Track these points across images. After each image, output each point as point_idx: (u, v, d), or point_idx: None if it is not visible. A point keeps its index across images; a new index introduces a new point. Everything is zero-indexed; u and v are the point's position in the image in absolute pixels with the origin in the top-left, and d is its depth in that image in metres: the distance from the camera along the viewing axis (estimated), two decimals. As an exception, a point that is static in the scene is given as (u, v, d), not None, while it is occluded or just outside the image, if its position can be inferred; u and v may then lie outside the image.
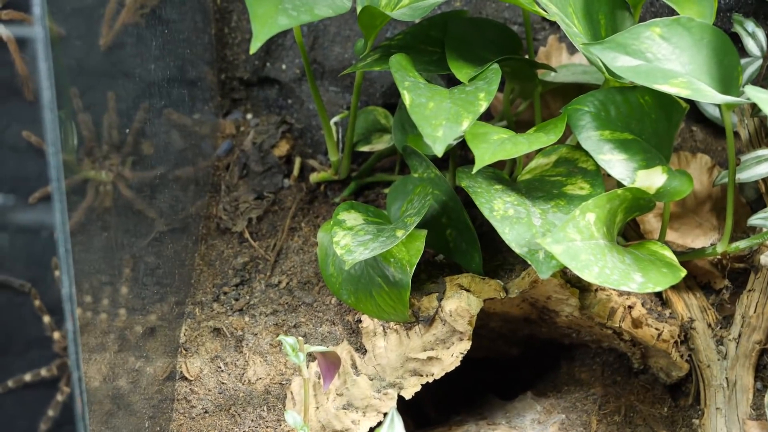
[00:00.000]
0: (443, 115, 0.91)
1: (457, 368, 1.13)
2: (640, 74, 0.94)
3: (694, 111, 1.23)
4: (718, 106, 1.04)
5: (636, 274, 0.92)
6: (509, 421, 1.12)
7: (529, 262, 0.94)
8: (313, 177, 1.19)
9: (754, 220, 0.99)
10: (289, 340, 0.92)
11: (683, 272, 0.95)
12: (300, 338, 0.99)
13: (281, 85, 1.25)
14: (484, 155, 0.93)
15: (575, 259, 0.88)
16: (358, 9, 1.01)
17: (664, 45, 0.96)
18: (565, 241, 0.89)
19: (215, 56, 1.23)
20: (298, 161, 1.21)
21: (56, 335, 1.00)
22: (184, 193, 1.14)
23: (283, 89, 1.25)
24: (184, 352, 1.08)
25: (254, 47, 0.90)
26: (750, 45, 1.14)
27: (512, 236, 0.95)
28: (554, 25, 1.23)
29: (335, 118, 1.16)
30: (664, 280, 0.93)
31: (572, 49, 1.22)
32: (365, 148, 1.16)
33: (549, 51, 1.22)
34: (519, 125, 1.16)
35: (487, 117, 1.28)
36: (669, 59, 0.96)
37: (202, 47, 1.20)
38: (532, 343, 1.20)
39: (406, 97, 0.92)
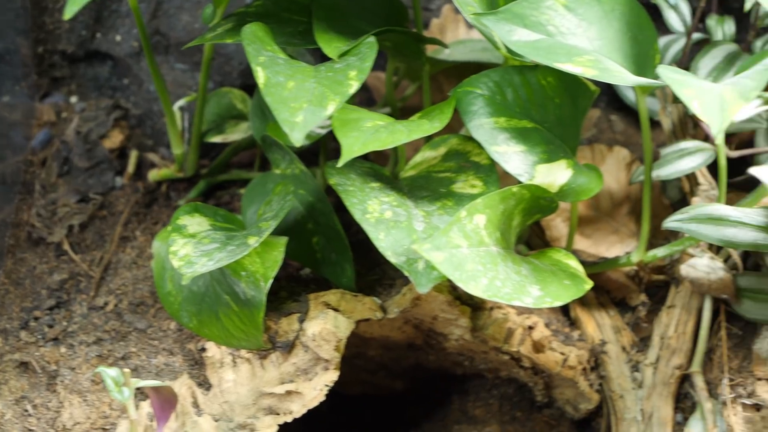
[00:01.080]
0: (305, 96, 0.88)
1: (327, 406, 1.11)
2: (539, 51, 0.92)
3: (614, 97, 1.24)
4: (635, 91, 1.04)
5: (533, 287, 0.90)
6: (388, 467, 1.10)
7: (406, 274, 0.91)
8: (153, 174, 1.15)
9: (670, 222, 0.97)
10: (111, 373, 0.87)
11: (589, 284, 0.95)
12: (126, 371, 0.94)
13: (115, 61, 1.20)
14: (353, 145, 0.90)
15: (460, 269, 0.86)
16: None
17: (569, 17, 0.95)
18: (448, 248, 0.87)
19: (30, 24, 1.18)
20: (134, 155, 1.17)
21: None
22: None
23: (117, 66, 1.20)
24: (-16, 391, 1.03)
25: (70, 12, 0.84)
26: (672, 19, 1.15)
27: (388, 243, 0.93)
28: (445, -4, 1.21)
29: (180, 102, 1.13)
30: (565, 293, 0.92)
31: (466, 23, 1.21)
32: (217, 139, 1.13)
33: (443, 23, 1.20)
34: (406, 113, 1.13)
35: (369, 103, 1.27)
36: (574, 33, 0.94)
37: (13, 12, 1.15)
38: (419, 374, 1.18)
39: (260, 75, 0.89)
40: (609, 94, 1.22)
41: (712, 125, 0.85)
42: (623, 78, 0.93)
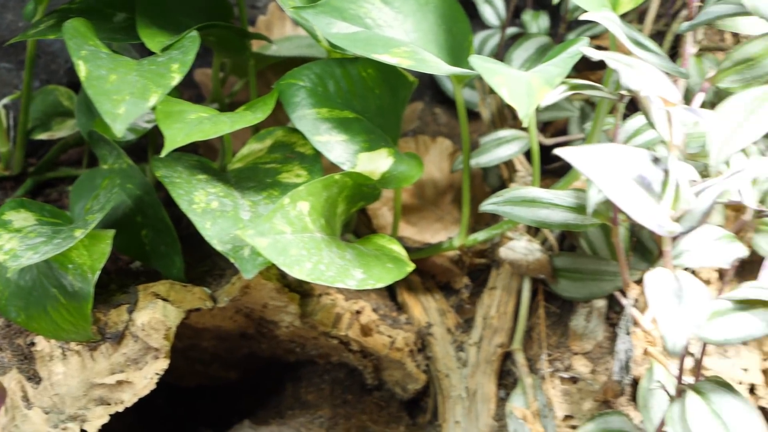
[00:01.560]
0: (127, 89, 0.91)
1: (164, 398, 1.14)
2: (357, 42, 0.96)
3: (437, 91, 1.29)
4: (452, 81, 1.08)
5: (356, 271, 0.95)
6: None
7: (232, 261, 0.95)
8: None
9: (486, 206, 1.01)
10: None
11: (411, 267, 1.00)
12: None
13: None
14: (176, 136, 0.92)
15: (284, 254, 0.91)
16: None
17: (386, 10, 0.99)
18: (272, 234, 0.91)
19: None
20: None
21: None
22: None
23: None
24: None
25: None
26: (488, 14, 1.21)
27: (214, 231, 0.96)
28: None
29: (5, 100, 1.13)
30: (387, 276, 0.97)
31: (293, 22, 1.23)
32: (44, 136, 1.14)
33: (270, 20, 1.24)
34: (235, 108, 1.14)
35: (198, 99, 1.29)
36: (391, 26, 0.99)
37: None
38: (253, 363, 1.20)
39: (82, 69, 0.91)
40: (433, 88, 1.25)
41: (520, 110, 0.91)
42: (438, 68, 0.97)
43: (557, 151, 0.88)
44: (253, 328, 1.12)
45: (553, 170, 1.18)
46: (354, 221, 1.11)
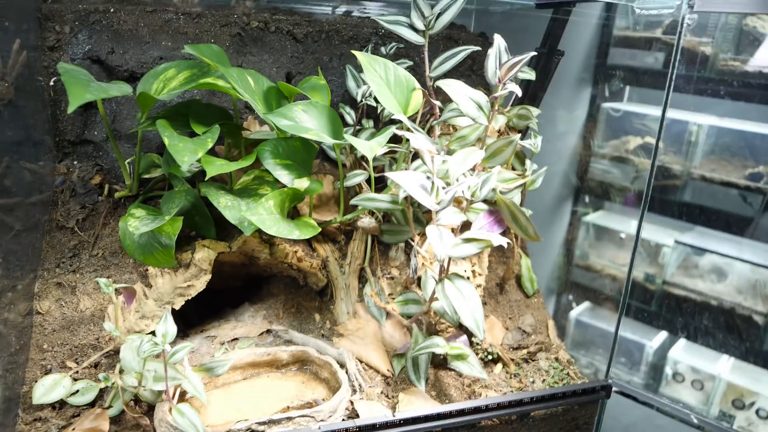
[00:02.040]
0: (188, 150, 0.92)
1: (208, 294, 1.15)
2: (293, 128, 0.99)
3: (325, 155, 1.29)
4: (333, 148, 1.13)
5: (296, 231, 0.99)
6: (236, 317, 1.15)
7: (240, 228, 0.98)
8: (117, 194, 1.14)
9: (353, 201, 1.05)
10: (102, 281, 0.91)
11: (319, 229, 1.03)
12: (109, 279, 0.98)
13: (95, 144, 1.18)
14: (213, 170, 0.95)
15: (263, 224, 0.95)
16: (137, 93, 1.00)
17: (305, 115, 1.03)
18: (257, 215, 0.95)
19: (51, 127, 1.16)
20: (107, 186, 1.15)
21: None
22: (35, 207, 1.08)
23: (96, 146, 1.18)
24: (37, 298, 1.01)
25: (70, 110, 0.85)
26: (347, 118, 1.25)
27: (230, 215, 0.99)
28: (252, 111, 1.26)
29: (128, 160, 1.13)
30: (309, 232, 1.00)
31: (261, 122, 1.24)
32: (147, 176, 1.13)
33: (249, 123, 1.24)
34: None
35: None
36: (307, 121, 1.02)
37: (42, 121, 1.13)
38: (249, 277, 1.21)
39: (166, 141, 0.92)
40: (323, 154, 1.27)
41: (367, 154, 0.97)
42: (329, 140, 1.01)
43: (388, 174, 0.94)
44: (248, 260, 1.13)
45: (379, 189, 1.19)
46: (292, 212, 1.13)
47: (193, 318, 1.18)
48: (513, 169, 1.17)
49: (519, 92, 0.93)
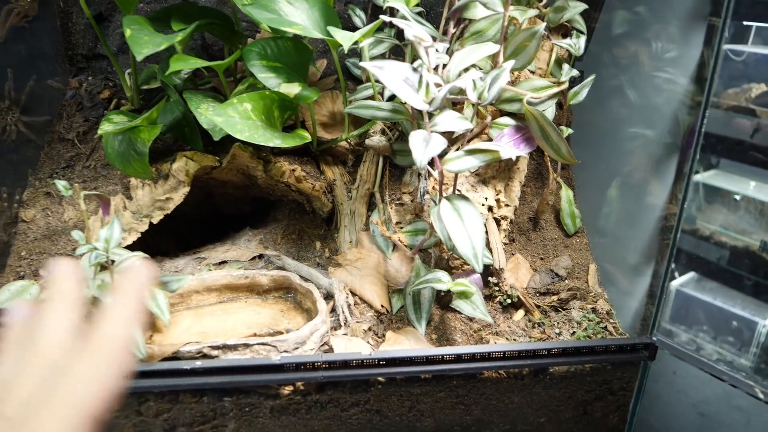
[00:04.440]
0: (153, 43, 0.81)
1: (218, 218, 1.07)
2: (275, 22, 0.86)
3: (350, 75, 1.15)
4: (332, 53, 0.98)
5: (277, 140, 0.87)
6: (233, 241, 1.06)
7: (209, 132, 0.88)
8: (123, 108, 1.07)
9: (347, 109, 0.92)
10: (60, 183, 0.83)
11: (308, 138, 0.91)
12: (76, 184, 0.91)
13: (108, 59, 1.13)
14: (178, 64, 0.83)
15: (232, 127, 0.83)
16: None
17: (290, 8, 0.89)
18: (225, 116, 0.83)
19: (63, 41, 1.12)
20: (114, 101, 1.10)
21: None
22: (41, 118, 1.05)
23: (109, 61, 1.13)
24: (24, 206, 0.97)
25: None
26: (356, 20, 1.10)
27: (204, 120, 0.89)
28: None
29: (127, 71, 1.06)
30: (293, 142, 0.88)
31: None
32: (146, 87, 1.06)
33: (263, 35, 1.12)
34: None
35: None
36: (293, 15, 0.88)
37: (52, 33, 1.10)
38: (256, 201, 1.12)
39: (127, 33, 0.82)
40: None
41: (344, 45, 0.81)
42: (318, 34, 0.87)
43: (362, 64, 0.78)
44: (248, 181, 1.04)
45: None
46: (298, 126, 0.99)
47: (194, 241, 1.10)
48: (552, 76, 0.95)
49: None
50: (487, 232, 0.92)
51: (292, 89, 0.91)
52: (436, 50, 0.78)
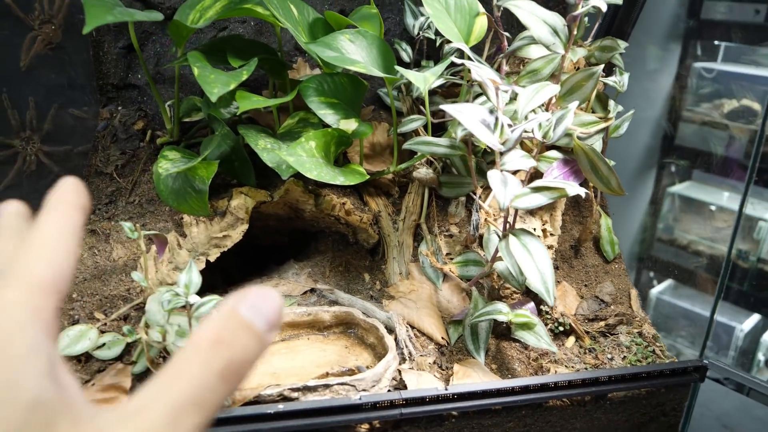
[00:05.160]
0: (219, 81, 0.82)
1: (253, 251, 1.06)
2: (337, 60, 0.87)
3: (381, 102, 1.18)
4: (386, 86, 1.01)
5: (340, 177, 0.88)
6: (279, 275, 1.05)
7: (277, 171, 0.88)
8: (159, 140, 1.06)
9: (407, 145, 0.93)
10: (126, 225, 0.82)
11: (366, 176, 0.93)
12: (136, 224, 0.89)
13: (138, 88, 1.11)
14: (246, 105, 0.85)
15: (302, 166, 0.83)
16: (170, 23, 0.91)
17: (351, 46, 0.90)
18: (296, 155, 0.84)
19: (94, 70, 1.09)
20: (149, 133, 1.08)
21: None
22: (77, 151, 1.03)
23: (141, 90, 1.11)
24: (70, 244, 0.95)
25: (86, 30, 0.73)
26: (403, 55, 1.12)
27: (268, 158, 0.89)
28: (302, 53, 1.15)
29: (168, 102, 1.05)
30: (355, 179, 0.90)
31: (312, 66, 1.14)
32: (188, 119, 1.05)
33: (299, 66, 1.14)
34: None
35: None
36: (354, 53, 0.90)
37: (84, 63, 1.07)
38: (295, 233, 1.12)
39: (196, 71, 0.82)
40: (378, 102, 1.16)
41: (420, 86, 0.84)
42: (379, 72, 0.89)
43: (443, 107, 0.81)
44: (293, 214, 1.04)
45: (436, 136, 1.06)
46: (341, 160, 1.01)
47: (235, 275, 1.09)
48: (593, 112, 0.99)
49: (604, 6, 0.75)
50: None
51: (350, 125, 0.92)
52: (504, 91, 0.81)
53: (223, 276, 1.08)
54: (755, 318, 2.15)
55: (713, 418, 1.22)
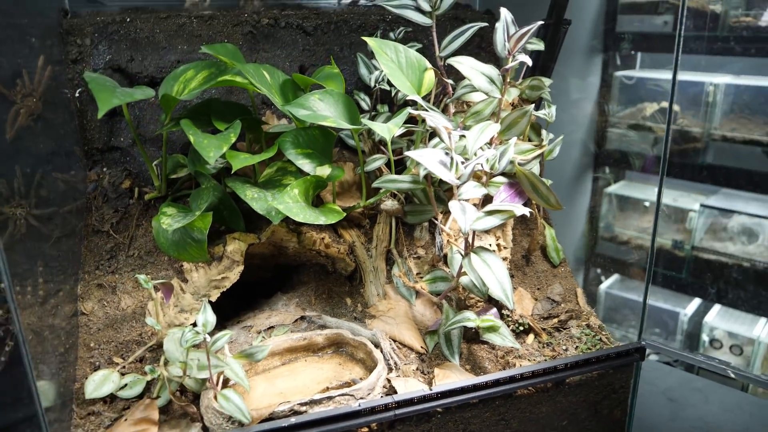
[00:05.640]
0: (213, 145, 0.94)
1: (241, 288, 1.17)
2: (311, 117, 1.00)
3: (344, 144, 1.30)
4: (352, 134, 1.14)
5: (322, 217, 1.00)
6: (270, 307, 1.17)
7: (267, 217, 1.00)
8: (147, 196, 1.16)
9: (376, 183, 1.06)
10: (141, 277, 0.94)
11: (344, 214, 1.05)
12: (148, 276, 1.01)
13: (122, 150, 1.21)
14: (237, 163, 0.96)
15: (290, 211, 0.96)
16: (160, 96, 1.03)
17: (321, 103, 1.04)
18: (284, 203, 0.97)
19: (80, 137, 1.19)
20: (136, 190, 1.18)
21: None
22: (70, 214, 1.11)
23: (123, 151, 1.21)
24: (81, 299, 1.05)
25: (100, 114, 0.86)
26: (363, 104, 1.26)
27: (258, 206, 1.01)
28: (269, 105, 1.28)
29: (155, 162, 1.15)
30: (334, 217, 1.02)
31: (279, 116, 1.26)
32: (174, 176, 1.15)
33: (267, 118, 1.25)
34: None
35: None
36: (324, 110, 1.03)
37: (71, 132, 1.16)
38: (278, 268, 1.22)
39: (192, 139, 0.94)
40: (342, 144, 1.28)
41: (385, 136, 0.98)
42: (347, 125, 1.02)
43: (408, 153, 0.95)
44: (277, 251, 1.15)
45: (398, 172, 1.20)
46: (316, 200, 1.14)
47: (228, 311, 1.20)
48: (529, 140, 1.17)
49: (529, 62, 0.93)
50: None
51: (325, 171, 1.06)
52: (455, 134, 0.97)
53: (218, 313, 1.19)
54: (696, 302, 2.37)
55: (659, 394, 1.41)
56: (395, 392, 0.95)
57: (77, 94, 1.17)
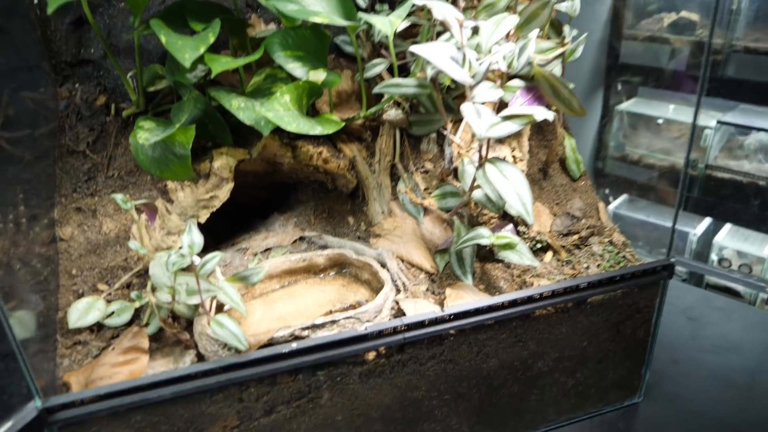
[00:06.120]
0: (188, 46, 0.84)
1: (234, 209, 1.10)
2: (299, 13, 0.90)
3: (340, 51, 1.20)
4: (348, 33, 1.04)
5: (317, 127, 0.92)
6: (266, 228, 1.10)
7: (256, 128, 0.91)
8: (125, 112, 1.07)
9: (378, 89, 0.97)
10: (118, 197, 0.85)
11: (342, 124, 0.96)
12: (127, 195, 0.92)
13: (94, 63, 1.11)
14: (218, 66, 0.87)
15: (281, 120, 0.87)
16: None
17: None
18: (274, 111, 0.87)
19: (44, 49, 1.08)
20: (113, 106, 1.09)
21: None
22: (41, 135, 1.03)
23: (96, 65, 1.11)
24: (59, 224, 0.98)
25: (50, 10, 0.79)
26: (360, 2, 1.14)
27: (245, 116, 0.92)
28: (254, 9, 1.16)
29: (130, 73, 1.06)
30: (332, 127, 0.93)
31: (266, 21, 1.16)
32: (152, 89, 1.06)
33: (253, 22, 1.15)
34: None
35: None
36: (314, 4, 0.93)
37: (33, 43, 1.06)
38: (274, 186, 1.16)
39: (163, 39, 0.84)
40: (338, 52, 1.18)
41: (386, 30, 0.88)
42: (342, 21, 0.92)
43: (412, 48, 0.85)
44: (271, 168, 1.08)
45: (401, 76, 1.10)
46: (311, 111, 1.05)
47: (222, 234, 1.14)
48: (548, 38, 1.05)
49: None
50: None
51: (319, 76, 0.96)
52: (467, 27, 0.86)
53: (210, 236, 1.12)
54: (707, 222, 2.32)
55: (679, 313, 1.36)
56: (404, 314, 0.89)
57: (36, 1, 1.06)
